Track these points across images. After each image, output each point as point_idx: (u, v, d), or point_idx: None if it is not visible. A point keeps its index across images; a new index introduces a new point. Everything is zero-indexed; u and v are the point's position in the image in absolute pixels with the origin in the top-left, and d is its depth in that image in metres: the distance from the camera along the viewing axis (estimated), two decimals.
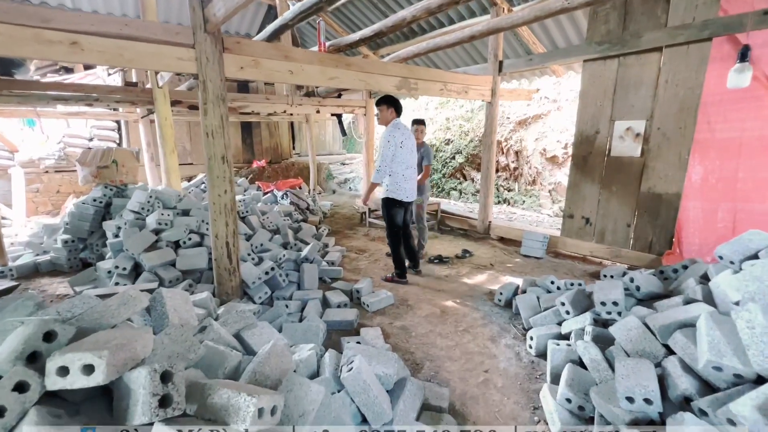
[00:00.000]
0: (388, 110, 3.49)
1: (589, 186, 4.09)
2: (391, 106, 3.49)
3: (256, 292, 3.11)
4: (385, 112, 3.49)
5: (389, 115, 3.51)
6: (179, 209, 4.27)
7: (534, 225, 6.03)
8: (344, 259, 4.50)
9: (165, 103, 5.02)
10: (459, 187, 8.20)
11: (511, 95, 5.26)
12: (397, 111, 3.55)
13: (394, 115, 3.52)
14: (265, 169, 9.32)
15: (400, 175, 3.52)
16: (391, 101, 3.50)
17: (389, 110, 3.49)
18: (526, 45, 5.32)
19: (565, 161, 6.55)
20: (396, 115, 3.54)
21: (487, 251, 4.72)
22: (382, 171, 3.43)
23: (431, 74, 4.08)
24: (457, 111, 8.51)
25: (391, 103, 3.49)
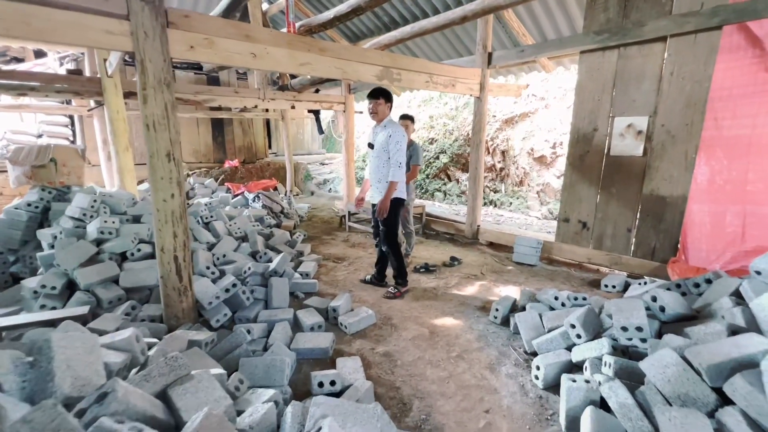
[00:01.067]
0: (387, 104, 3.16)
1: (586, 188, 3.79)
2: (388, 99, 3.17)
3: (214, 314, 2.63)
4: (382, 106, 3.15)
5: (387, 111, 3.18)
6: (130, 215, 3.73)
7: (523, 228, 5.74)
8: (320, 269, 4.05)
9: (116, 94, 4.45)
10: (443, 189, 7.87)
11: (500, 90, 4.94)
12: (391, 105, 3.25)
13: (388, 111, 3.20)
14: (238, 169, 8.74)
15: (402, 174, 3.20)
16: (389, 94, 3.16)
17: (387, 105, 3.17)
18: (514, 38, 5.01)
19: (554, 161, 6.30)
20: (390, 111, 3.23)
21: (477, 258, 4.36)
22: (403, 167, 3.13)
23: (416, 64, 3.69)
24: (441, 109, 8.17)
25: (388, 96, 3.16)
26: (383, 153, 3.16)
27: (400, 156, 3.09)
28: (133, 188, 4.70)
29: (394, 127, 3.13)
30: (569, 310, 2.50)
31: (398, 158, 3.09)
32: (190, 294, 2.56)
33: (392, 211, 3.20)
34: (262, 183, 6.04)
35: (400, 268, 3.34)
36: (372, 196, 3.36)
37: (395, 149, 3.08)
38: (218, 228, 4.27)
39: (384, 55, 3.42)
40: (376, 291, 3.46)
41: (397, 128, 3.13)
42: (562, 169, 6.18)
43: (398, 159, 3.09)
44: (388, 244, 3.28)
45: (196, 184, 6.08)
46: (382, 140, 3.15)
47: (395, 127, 3.13)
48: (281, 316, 2.77)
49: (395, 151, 3.08)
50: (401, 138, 3.10)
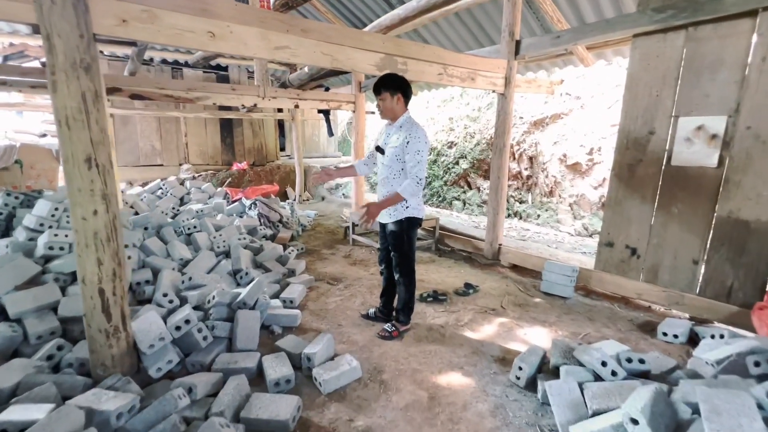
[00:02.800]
0: (394, 97, 2.40)
1: (637, 205, 3.03)
2: (397, 91, 2.40)
3: (154, 362, 2.08)
4: (389, 101, 2.41)
5: (398, 107, 2.44)
6: None
7: (553, 246, 4.97)
8: (310, 293, 3.46)
9: None
10: (463, 197, 7.16)
11: (529, 86, 4.22)
12: (408, 98, 2.48)
13: (404, 106, 2.47)
14: (246, 172, 8.34)
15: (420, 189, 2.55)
16: (400, 83, 2.41)
17: (395, 97, 2.40)
18: (547, 24, 4.29)
19: (591, 170, 5.49)
20: (407, 105, 2.51)
21: (497, 285, 3.66)
22: (423, 182, 2.44)
23: (427, 52, 3.06)
24: (462, 109, 7.47)
25: (398, 86, 2.40)
26: (396, 162, 2.45)
27: (419, 169, 2.36)
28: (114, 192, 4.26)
29: (413, 129, 2.39)
30: (622, 384, 1.79)
31: (417, 172, 2.36)
32: (124, 336, 2.02)
33: (406, 234, 2.55)
34: (262, 188, 5.54)
35: (409, 302, 2.70)
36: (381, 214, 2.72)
37: (414, 160, 2.35)
38: (200, 241, 3.78)
39: (386, 40, 2.80)
40: (371, 327, 2.83)
41: (418, 132, 2.38)
42: (599, 178, 5.36)
43: (417, 173, 2.36)
44: (401, 273, 2.63)
45: (192, 189, 5.68)
46: (397, 145, 2.42)
47: (415, 130, 2.38)
48: (243, 363, 2.20)
49: (414, 163, 2.35)
50: (423, 145, 2.35)
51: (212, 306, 2.57)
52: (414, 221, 2.56)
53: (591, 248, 4.88)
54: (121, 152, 7.37)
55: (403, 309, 2.70)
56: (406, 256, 2.60)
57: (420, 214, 2.57)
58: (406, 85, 2.46)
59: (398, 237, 2.56)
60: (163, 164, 7.87)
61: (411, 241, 2.59)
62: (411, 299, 2.70)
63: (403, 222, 2.53)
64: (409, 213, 2.52)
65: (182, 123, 7.99)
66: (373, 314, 2.98)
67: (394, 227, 2.57)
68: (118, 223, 1.96)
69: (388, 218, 2.58)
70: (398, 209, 2.52)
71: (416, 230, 2.62)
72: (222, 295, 2.60)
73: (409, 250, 2.60)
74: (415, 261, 2.67)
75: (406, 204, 2.50)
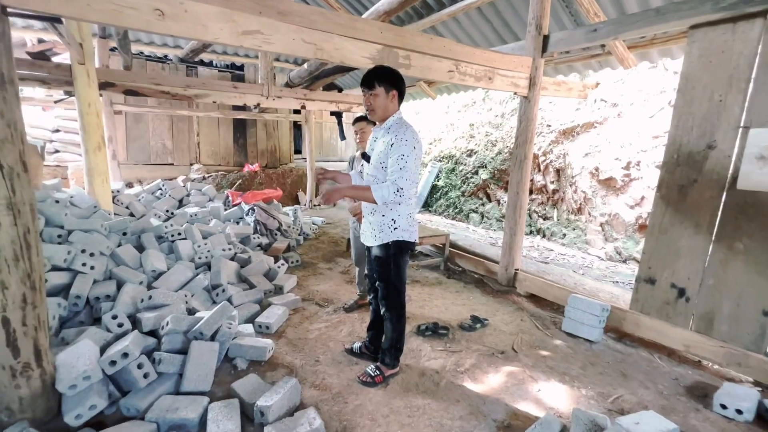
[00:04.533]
0: (389, 94, 1.99)
1: (688, 236, 2.45)
2: (393, 87, 1.99)
3: (74, 406, 1.71)
4: (383, 98, 1.98)
5: (391, 105, 2.02)
6: (70, 229, 3.00)
7: (579, 272, 4.37)
8: (293, 316, 3.05)
9: (89, 84, 3.81)
10: (481, 210, 6.61)
11: (558, 89, 3.68)
12: (402, 98, 2.06)
13: (397, 105, 2.05)
14: (258, 174, 8.09)
15: (412, 202, 2.12)
16: (396, 79, 2.00)
17: (391, 94, 2.00)
18: (581, 18, 3.75)
19: (626, 186, 4.85)
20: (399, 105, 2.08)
21: (510, 318, 3.14)
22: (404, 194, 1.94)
23: (435, 45, 2.61)
24: (484, 115, 6.94)
25: (395, 82, 1.99)
26: (380, 171, 2.02)
27: (400, 177, 1.90)
28: (105, 194, 4.03)
29: (400, 130, 1.96)
30: None
31: (397, 179, 1.90)
32: (38, 374, 1.67)
33: (393, 261, 2.10)
34: (263, 193, 5.22)
35: (397, 342, 2.24)
36: (364, 233, 2.28)
37: (396, 165, 1.91)
38: (182, 250, 3.46)
39: (385, 29, 2.38)
40: (353, 366, 2.39)
41: (405, 134, 1.94)
42: (636, 197, 4.72)
43: (397, 181, 1.90)
44: (387, 307, 2.18)
45: (192, 191, 5.43)
46: (382, 150, 2.00)
47: (403, 132, 1.95)
48: (184, 411, 1.80)
49: (396, 169, 1.91)
50: (409, 150, 1.91)
51: (165, 334, 2.20)
52: (404, 246, 2.10)
53: (625, 276, 4.25)
54: (131, 150, 7.29)
55: (389, 349, 2.24)
56: (394, 288, 2.15)
57: (411, 237, 2.11)
58: (402, 82, 2.04)
59: (383, 264, 2.11)
60: (173, 163, 7.74)
61: (399, 270, 2.13)
62: (399, 339, 2.24)
63: (389, 247, 2.08)
64: (397, 236, 2.06)
65: (195, 122, 7.85)
66: (358, 349, 2.54)
67: (378, 252, 2.13)
68: (33, 238, 1.61)
69: (373, 240, 2.14)
70: (384, 230, 2.08)
71: (406, 257, 2.16)
72: (177, 321, 2.22)
73: (397, 281, 2.14)
74: (404, 293, 2.21)
75: (393, 224, 2.06)
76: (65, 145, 6.77)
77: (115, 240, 3.24)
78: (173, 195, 5.22)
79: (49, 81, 3.80)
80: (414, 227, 2.13)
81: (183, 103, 7.11)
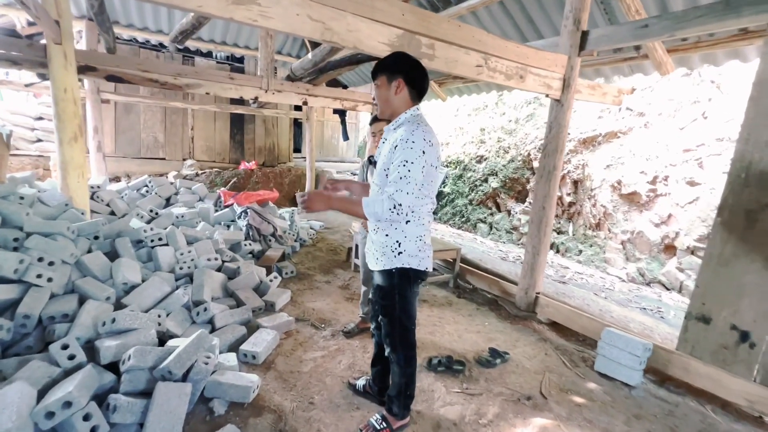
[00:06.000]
0: (392, 84, 1.58)
1: (756, 270, 2.08)
2: (398, 74, 1.58)
3: None
4: (384, 89, 1.60)
5: (397, 98, 1.60)
6: (28, 232, 2.58)
7: (601, 294, 3.99)
8: (285, 340, 2.65)
9: (66, 68, 3.37)
10: (489, 220, 6.23)
11: (592, 93, 3.30)
12: (419, 89, 1.63)
13: (408, 98, 1.62)
14: (254, 172, 7.68)
15: (426, 223, 1.67)
16: (403, 64, 1.59)
17: (394, 84, 1.58)
18: (618, 16, 3.38)
19: (652, 202, 4.49)
20: (416, 99, 1.64)
21: (533, 351, 2.75)
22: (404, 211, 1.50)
23: (463, 34, 2.23)
24: (496, 120, 6.57)
25: (400, 68, 1.58)
26: (384, 178, 1.62)
27: (401, 188, 1.48)
28: (81, 190, 3.60)
29: (410, 129, 1.52)
30: None
31: (395, 192, 1.49)
32: None
33: (399, 293, 1.68)
34: (257, 194, 4.81)
35: (407, 387, 1.83)
36: (367, 251, 1.84)
37: (397, 173, 1.50)
38: (163, 258, 3.05)
39: (408, 10, 1.99)
40: (355, 412, 2.00)
41: (416, 134, 1.50)
42: (663, 214, 4.35)
43: (395, 193, 1.48)
44: (393, 347, 1.77)
45: (181, 189, 5.02)
46: (386, 153, 1.61)
47: (412, 132, 1.51)
48: None
49: (396, 178, 1.50)
50: (415, 155, 1.48)
51: (126, 370, 1.79)
52: (411, 275, 1.67)
53: (651, 302, 3.88)
54: (120, 142, 6.86)
55: (397, 397, 1.84)
56: (400, 325, 1.73)
57: (421, 265, 1.67)
58: (414, 69, 1.59)
59: (387, 296, 1.71)
60: (165, 158, 7.32)
61: (406, 304, 1.71)
62: (409, 384, 1.83)
63: (393, 275, 1.67)
64: (402, 262, 1.64)
65: (189, 115, 7.43)
66: (362, 388, 2.15)
67: (380, 280, 1.73)
68: None
69: (374, 264, 1.74)
70: (387, 253, 1.66)
71: (416, 288, 1.73)
72: (141, 355, 1.81)
73: (404, 316, 1.72)
74: (413, 331, 1.80)
75: (398, 247, 1.63)
76: (48, 134, 6.33)
77: (85, 245, 2.82)
78: (160, 193, 4.80)
79: (21, 62, 3.39)
80: (426, 253, 1.69)
81: (178, 95, 6.70)
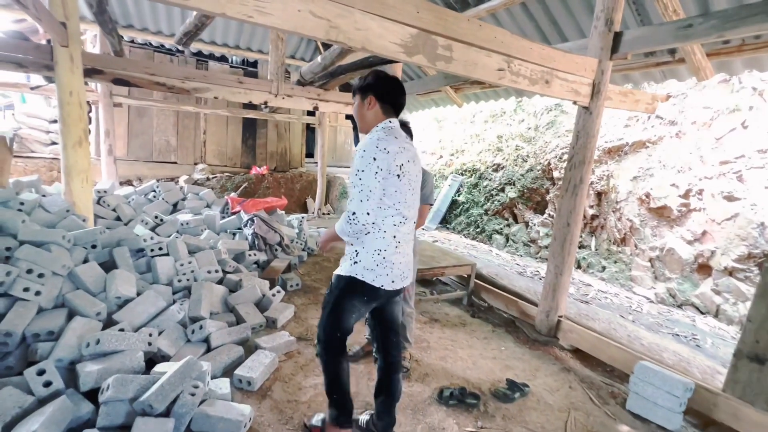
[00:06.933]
0: (365, 101, 1.62)
1: None
2: (368, 92, 1.61)
3: None
4: (358, 106, 1.66)
5: (369, 114, 1.63)
6: (21, 240, 2.47)
7: (629, 317, 3.69)
8: (285, 363, 2.46)
9: (72, 70, 3.29)
10: (506, 231, 5.96)
11: (623, 100, 3.03)
12: (392, 103, 1.64)
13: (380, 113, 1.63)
14: (265, 177, 7.59)
15: (388, 236, 1.59)
16: (373, 81, 1.61)
17: (367, 101, 1.61)
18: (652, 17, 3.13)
19: (684, 217, 4.16)
20: (390, 113, 1.64)
21: (555, 383, 2.49)
22: (360, 220, 1.52)
23: (484, 35, 2.02)
24: (514, 127, 6.32)
25: (371, 86, 1.61)
26: None
27: (354, 197, 1.53)
28: (85, 195, 3.51)
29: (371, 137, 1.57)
30: None
31: (350, 201, 1.55)
32: None
33: (336, 296, 1.65)
34: (265, 201, 4.67)
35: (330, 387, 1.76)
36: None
37: (352, 184, 1.55)
38: (161, 269, 2.92)
39: (423, 7, 1.79)
40: None
41: (367, 142, 1.54)
42: (696, 230, 4.03)
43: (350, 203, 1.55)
44: (318, 340, 1.75)
45: (189, 194, 4.92)
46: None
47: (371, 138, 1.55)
48: None
49: (351, 188, 1.56)
50: (365, 163, 1.49)
51: (104, 402, 1.62)
52: (357, 288, 1.61)
53: (685, 327, 3.56)
54: (132, 146, 6.85)
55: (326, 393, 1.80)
56: (324, 327, 1.69)
57: (378, 282, 1.59)
58: (385, 84, 1.62)
59: (328, 294, 1.71)
60: (177, 162, 7.28)
61: (338, 313, 1.65)
62: (332, 388, 1.76)
63: (341, 280, 1.65)
64: (353, 271, 1.61)
65: (202, 119, 7.40)
66: (364, 424, 1.94)
67: (333, 279, 1.72)
68: None
69: None
70: (346, 260, 1.68)
71: (356, 303, 1.64)
72: (121, 385, 1.64)
73: (329, 325, 1.67)
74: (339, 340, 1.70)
75: (355, 256, 1.62)
76: None
77: (80, 255, 2.69)
78: (167, 198, 4.71)
79: (26, 64, 3.33)
80: (387, 270, 1.60)
81: (190, 99, 6.67)
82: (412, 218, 1.70)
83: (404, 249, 1.66)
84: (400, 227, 1.62)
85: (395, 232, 1.60)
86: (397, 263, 1.63)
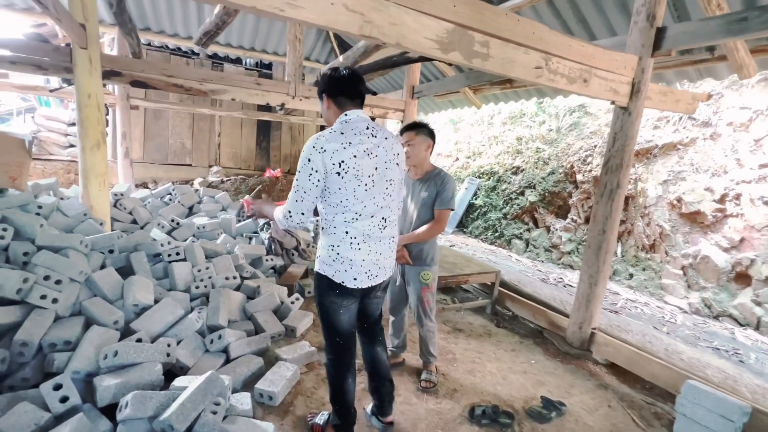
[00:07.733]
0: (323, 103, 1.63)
1: None
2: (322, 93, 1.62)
3: None
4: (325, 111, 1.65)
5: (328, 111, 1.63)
6: (39, 245, 2.42)
7: (663, 329, 3.50)
8: (306, 375, 2.35)
9: (91, 72, 3.26)
10: (526, 236, 5.78)
11: (663, 100, 2.86)
12: (343, 94, 1.57)
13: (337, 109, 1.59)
14: (279, 180, 7.54)
15: (339, 232, 1.54)
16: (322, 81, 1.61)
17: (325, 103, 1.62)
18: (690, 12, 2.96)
19: (720, 223, 3.96)
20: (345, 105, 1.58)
21: (592, 401, 2.33)
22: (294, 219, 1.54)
23: (522, 30, 1.90)
24: (534, 129, 6.15)
25: (321, 86, 1.62)
26: None
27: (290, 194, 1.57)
28: (103, 199, 3.47)
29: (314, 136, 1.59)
30: None
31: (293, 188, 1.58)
32: None
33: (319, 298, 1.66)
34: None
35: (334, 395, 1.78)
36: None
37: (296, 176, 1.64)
38: (179, 275, 2.85)
39: (459, 1, 1.67)
40: None
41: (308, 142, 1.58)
42: (733, 237, 3.82)
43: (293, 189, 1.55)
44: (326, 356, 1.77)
45: (204, 197, 4.87)
46: None
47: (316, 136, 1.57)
48: None
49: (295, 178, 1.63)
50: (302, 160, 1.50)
51: (122, 420, 1.53)
52: (322, 281, 1.61)
53: (725, 341, 3.36)
54: (148, 148, 6.87)
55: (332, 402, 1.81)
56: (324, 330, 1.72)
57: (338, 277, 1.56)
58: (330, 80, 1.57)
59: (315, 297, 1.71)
60: (192, 164, 7.28)
61: (325, 312, 1.66)
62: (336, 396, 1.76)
63: (315, 278, 1.67)
64: (318, 267, 1.63)
65: (217, 122, 7.39)
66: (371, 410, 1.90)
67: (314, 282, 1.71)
68: None
69: None
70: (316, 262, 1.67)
71: (332, 298, 1.61)
72: (140, 403, 1.55)
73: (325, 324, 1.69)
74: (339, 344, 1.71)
75: (319, 252, 1.63)
76: None
77: (98, 260, 2.63)
78: (183, 201, 4.66)
79: (46, 66, 3.31)
80: (343, 267, 1.55)
81: (206, 101, 6.66)
82: (379, 214, 1.56)
83: (368, 247, 1.55)
84: (353, 224, 1.52)
85: (347, 228, 1.53)
86: (358, 260, 1.55)
